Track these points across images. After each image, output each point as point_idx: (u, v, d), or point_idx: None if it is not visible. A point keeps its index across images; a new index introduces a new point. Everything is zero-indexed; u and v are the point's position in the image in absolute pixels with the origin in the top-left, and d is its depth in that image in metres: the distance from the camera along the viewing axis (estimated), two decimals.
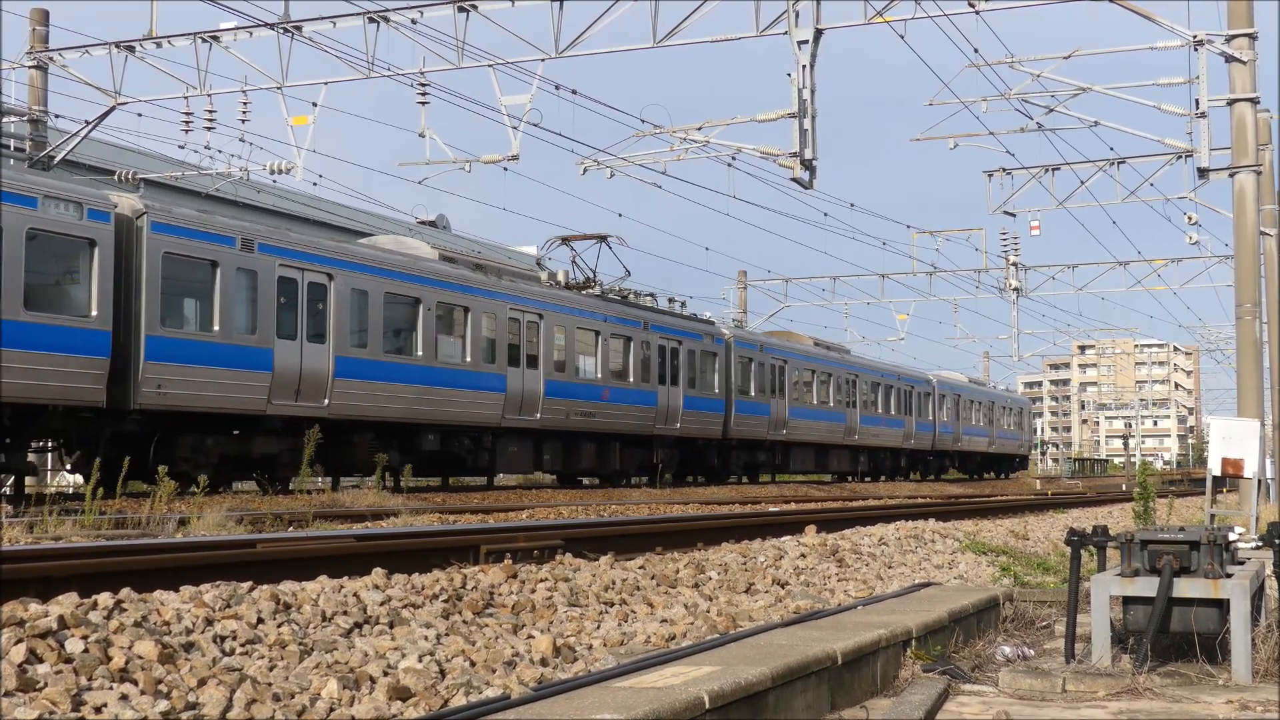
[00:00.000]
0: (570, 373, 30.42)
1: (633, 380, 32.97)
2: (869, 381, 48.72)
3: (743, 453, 39.75)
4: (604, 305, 32.38)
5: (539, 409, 29.09)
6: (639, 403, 33.15)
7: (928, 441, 54.88)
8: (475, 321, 27.51)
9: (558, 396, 29.72)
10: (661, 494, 28.96)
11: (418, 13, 24.81)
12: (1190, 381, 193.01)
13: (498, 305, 28.18)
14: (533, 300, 29.45)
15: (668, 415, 34.35)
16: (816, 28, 22.00)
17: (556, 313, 30.19)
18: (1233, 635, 6.84)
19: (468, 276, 27.72)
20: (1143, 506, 17.06)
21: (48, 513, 12.49)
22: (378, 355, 24.81)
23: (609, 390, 31.77)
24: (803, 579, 10.64)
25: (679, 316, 36.41)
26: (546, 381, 29.41)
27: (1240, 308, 22.90)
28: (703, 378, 36.51)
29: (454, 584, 7.75)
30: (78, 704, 4.66)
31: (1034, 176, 34.85)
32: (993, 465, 67.05)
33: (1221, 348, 77.61)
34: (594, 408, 31.08)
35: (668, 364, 34.62)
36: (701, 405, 36.17)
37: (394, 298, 25.45)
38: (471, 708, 4.63)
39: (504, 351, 28.22)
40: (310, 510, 15.92)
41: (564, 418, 29.95)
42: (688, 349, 35.73)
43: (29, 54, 27.80)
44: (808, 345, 45.62)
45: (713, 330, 37.89)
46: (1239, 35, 22.46)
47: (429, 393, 26.03)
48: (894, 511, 19.35)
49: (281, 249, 22.90)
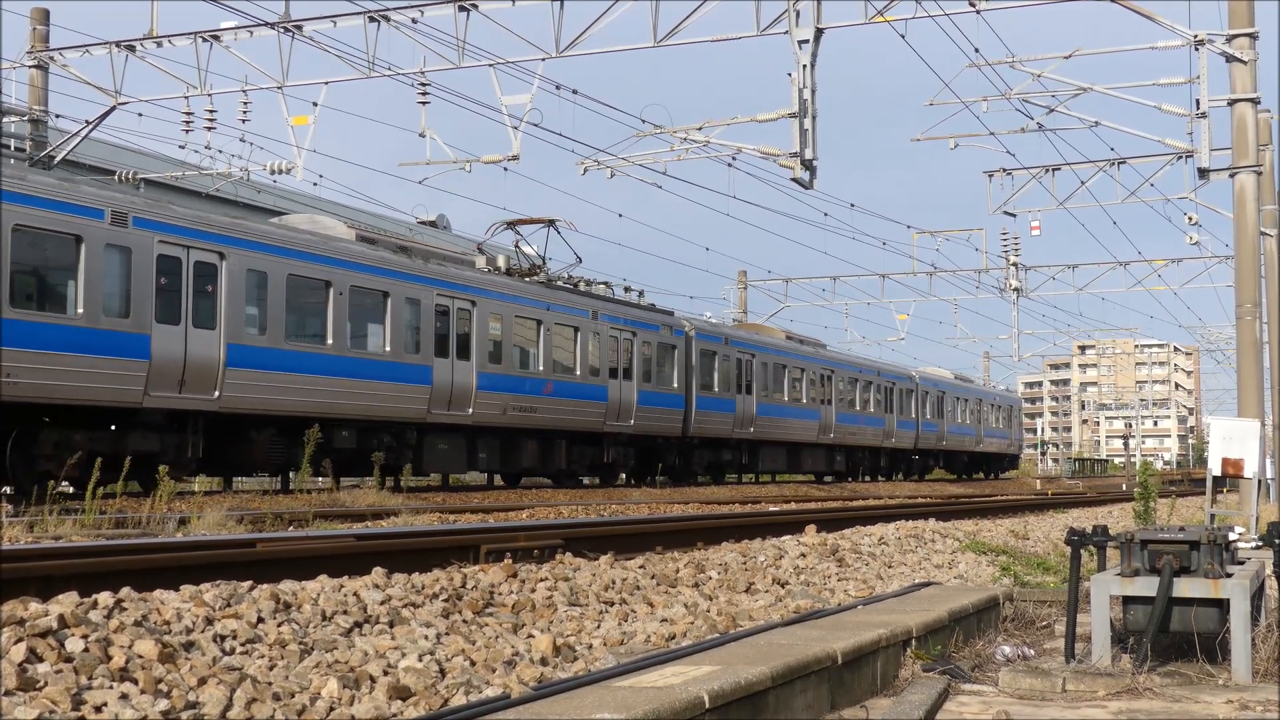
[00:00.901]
0: (508, 364, 28.34)
1: (580, 373, 30.82)
2: (846, 377, 46.68)
3: (706, 452, 37.63)
4: (548, 293, 30.23)
5: (471, 403, 27.00)
6: (588, 398, 31.00)
7: (909, 440, 52.87)
8: (396, 308, 25.33)
9: (493, 390, 27.66)
10: (661, 494, 28.95)
11: (418, 12, 24.83)
12: (1190, 382, 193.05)
13: (423, 290, 25.97)
14: (464, 286, 27.25)
15: (620, 411, 32.16)
16: (817, 27, 22.00)
17: (492, 299, 27.96)
18: (1233, 635, 6.84)
19: (388, 259, 25.55)
20: (1143, 506, 17.07)
21: (48, 512, 12.50)
22: (279, 343, 22.59)
23: (552, 384, 29.68)
24: (803, 578, 10.64)
25: (634, 306, 34.36)
26: (480, 374, 27.31)
27: (1240, 308, 22.91)
28: (660, 372, 34.44)
29: (454, 583, 7.75)
30: (78, 703, 4.66)
31: (1034, 177, 34.88)
32: (981, 465, 64.96)
33: (1222, 348, 77.68)
34: (536, 402, 29.00)
35: (620, 356, 32.42)
36: (659, 401, 34.06)
37: (299, 280, 23.23)
38: (471, 707, 4.63)
39: (430, 341, 26.05)
40: (310, 510, 15.93)
41: (500, 413, 27.85)
42: (643, 341, 33.56)
43: (29, 53, 27.81)
44: (778, 339, 43.48)
45: (672, 321, 35.69)
46: (1240, 35, 22.46)
47: (342, 385, 23.87)
48: (894, 511, 19.35)
49: (163, 224, 20.64)
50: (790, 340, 44.26)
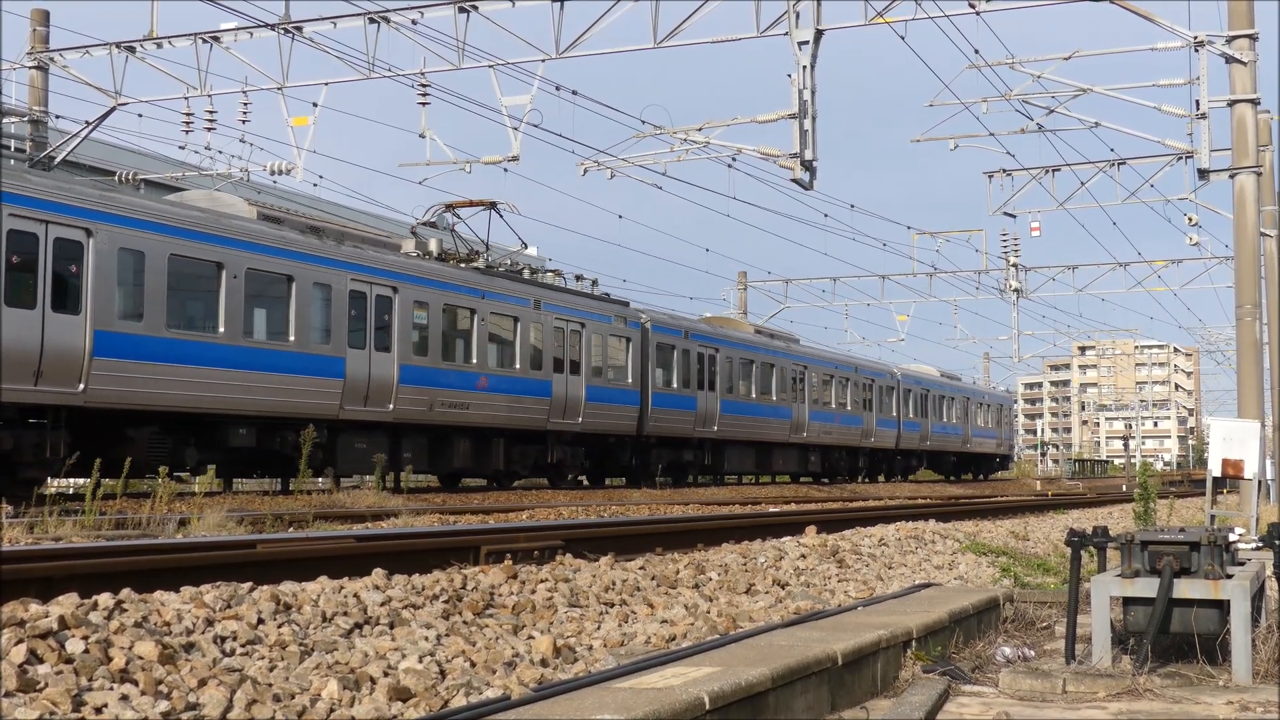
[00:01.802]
0: (435, 356, 26.07)
1: (520, 367, 28.57)
2: (821, 374, 44.47)
3: (665, 451, 35.20)
4: (483, 279, 27.96)
5: (392, 399, 24.80)
6: (529, 393, 28.78)
7: (890, 440, 50.60)
8: (303, 293, 23.02)
9: (417, 384, 25.45)
10: (661, 495, 28.93)
11: (418, 13, 24.84)
12: (1190, 382, 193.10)
13: (334, 275, 23.67)
14: (384, 270, 24.99)
15: (566, 408, 30.00)
16: (817, 28, 22.01)
17: (416, 286, 25.70)
18: (1233, 636, 6.84)
19: (292, 239, 23.14)
20: (1143, 507, 17.06)
21: (48, 513, 12.50)
22: (159, 331, 20.32)
23: (487, 378, 27.44)
24: (803, 579, 10.64)
25: (583, 295, 31.92)
26: (402, 366, 25.09)
27: (1240, 309, 22.90)
28: (612, 366, 32.19)
29: (454, 584, 7.75)
30: (78, 704, 4.66)
31: (1034, 177, 34.89)
32: (969, 466, 62.57)
33: (1222, 349, 77.70)
34: (468, 398, 26.85)
35: (567, 349, 30.20)
36: (610, 397, 31.77)
37: (185, 261, 20.93)
38: (472, 708, 4.64)
39: (343, 330, 23.82)
40: (310, 511, 15.93)
41: (426, 409, 25.67)
42: (593, 333, 31.25)
43: (29, 54, 27.83)
44: (745, 333, 41.24)
45: (625, 312, 33.36)
46: (1239, 36, 22.47)
47: (237, 378, 21.61)
48: (894, 512, 19.35)
49: (14, 195, 18.55)
50: (759, 335, 42.17)
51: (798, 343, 45.17)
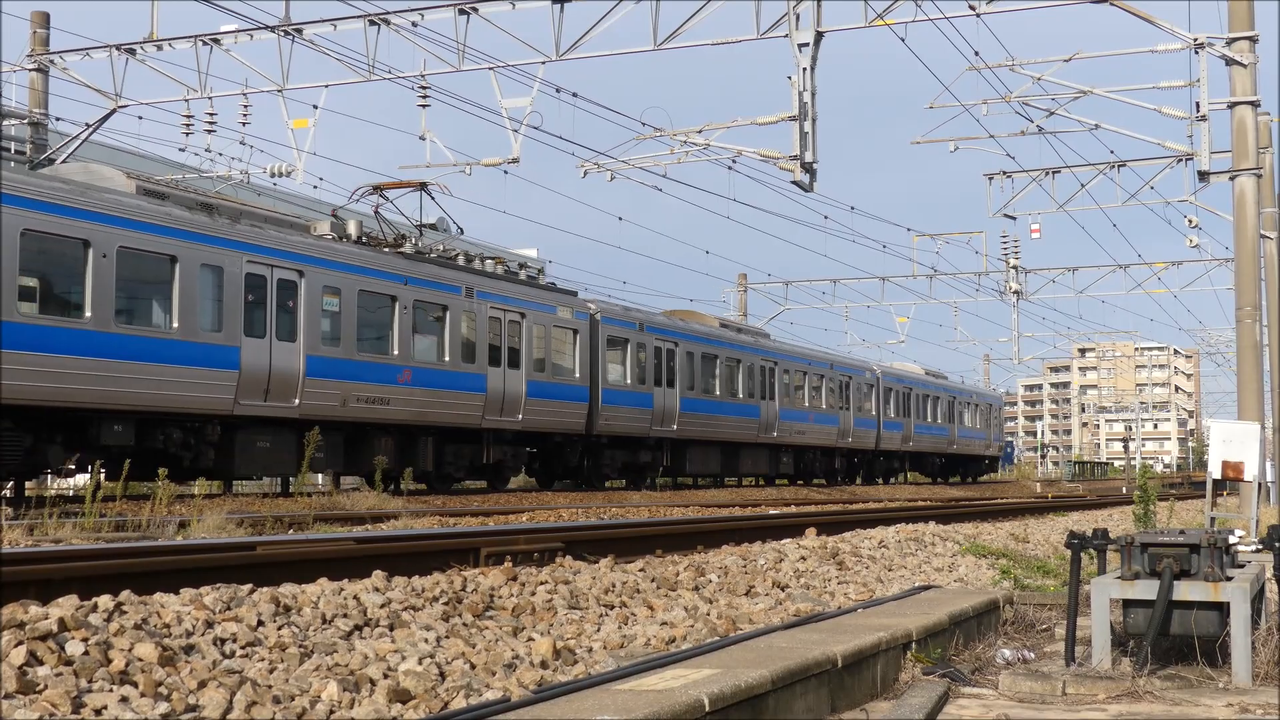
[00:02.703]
0: (349, 347, 23.89)
1: (449, 359, 26.41)
2: (793, 370, 42.19)
3: (618, 452, 33.04)
4: (406, 264, 25.74)
5: (298, 393, 22.66)
6: (460, 388, 26.65)
7: (870, 440, 48.28)
8: (188, 275, 20.83)
9: (328, 377, 23.30)
10: (661, 496, 28.94)
11: (418, 15, 24.87)
12: (1190, 384, 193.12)
13: (227, 255, 21.46)
14: (288, 252, 22.78)
15: (504, 404, 27.86)
16: (817, 30, 22.04)
17: (326, 270, 23.51)
18: (1233, 638, 6.84)
19: (177, 216, 20.90)
20: (1143, 509, 17.06)
21: (48, 515, 12.50)
22: (12, 316, 18.36)
23: (411, 371, 25.33)
24: (803, 581, 10.64)
25: (523, 284, 29.62)
26: (309, 358, 22.91)
27: (1240, 311, 22.92)
28: (557, 360, 29.96)
29: (454, 586, 7.75)
30: (78, 706, 4.66)
31: (1034, 179, 34.92)
32: (956, 467, 60.25)
33: (1222, 350, 77.76)
34: (389, 392, 24.75)
35: (504, 341, 28.07)
36: (554, 393, 29.62)
37: (43, 239, 18.83)
38: (472, 710, 4.64)
39: (238, 316, 21.65)
40: (310, 513, 15.93)
41: (339, 404, 23.52)
42: (534, 324, 29.04)
43: (29, 56, 27.85)
44: (710, 326, 38.90)
45: (573, 302, 31.07)
46: (1239, 38, 22.49)
47: (109, 368, 19.52)
48: (894, 514, 19.35)
49: None
50: (725, 328, 39.89)
51: (768, 337, 43.33)
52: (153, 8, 26.26)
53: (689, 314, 39.88)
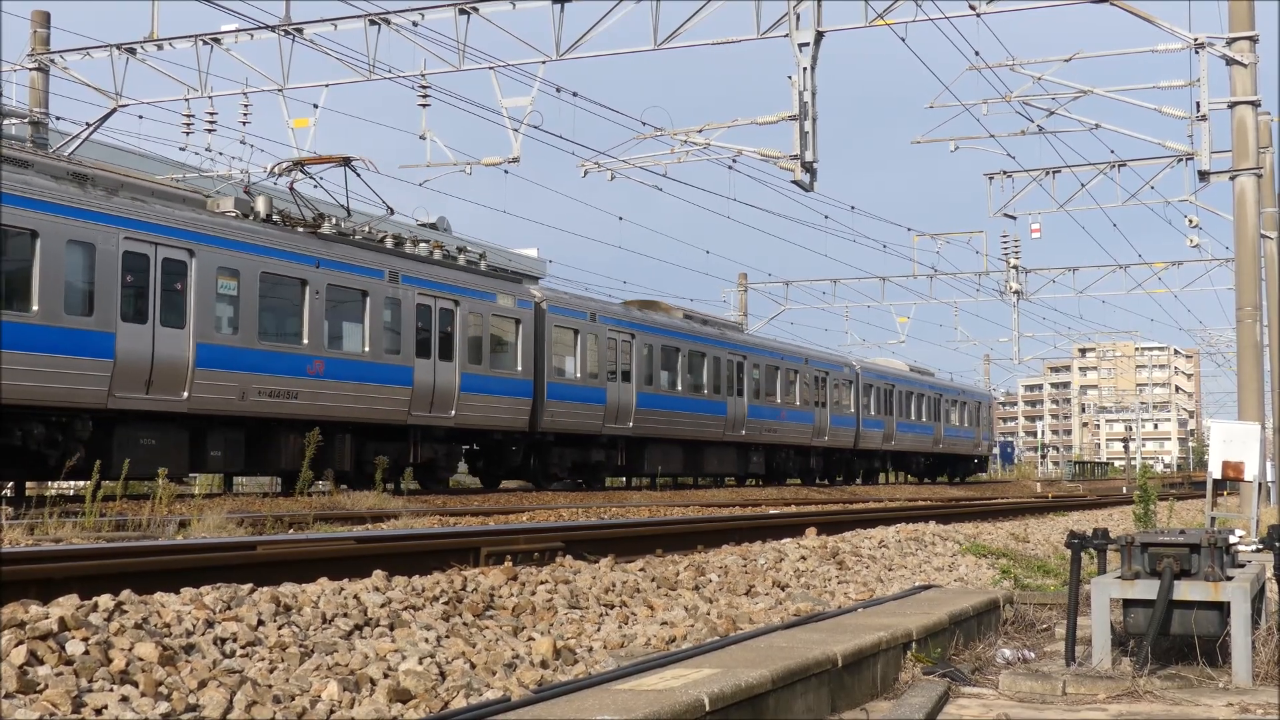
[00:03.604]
0: (249, 335, 21.87)
1: (369, 349, 24.36)
2: (763, 364, 40.15)
3: (568, 450, 31.12)
4: (319, 245, 23.56)
5: (187, 385, 20.61)
6: (382, 380, 24.63)
7: (848, 438, 46.29)
8: (51, 255, 18.84)
9: (224, 368, 21.29)
10: (661, 496, 28.94)
11: (419, 15, 24.88)
12: (1191, 384, 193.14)
13: (100, 231, 19.47)
14: (175, 229, 20.65)
15: (434, 399, 25.89)
16: (817, 30, 22.04)
17: (221, 249, 21.42)
18: (1233, 638, 6.84)
19: (38, 186, 18.88)
20: (1143, 509, 17.07)
21: (48, 514, 12.51)
22: None
23: (323, 362, 23.22)
24: (803, 581, 10.64)
25: (458, 269, 27.56)
26: (201, 346, 20.89)
27: (1241, 310, 22.92)
28: (497, 351, 28.05)
29: (454, 586, 7.75)
30: (78, 706, 4.66)
31: (1035, 179, 34.93)
32: (943, 467, 58.36)
33: (1222, 350, 77.77)
34: (297, 385, 22.65)
35: (434, 330, 26.07)
36: (492, 387, 27.67)
37: None
38: (472, 710, 4.64)
39: (113, 301, 19.63)
40: (310, 512, 15.93)
41: (238, 398, 21.49)
42: (470, 312, 27.04)
43: (30, 56, 27.86)
44: (672, 317, 36.66)
45: (515, 290, 29.11)
46: (1240, 38, 22.48)
47: None
48: (894, 514, 19.36)
49: None
50: (689, 320, 37.66)
51: (738, 330, 41.39)
52: (153, 7, 26.28)
53: (651, 304, 37.93)
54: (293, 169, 25.27)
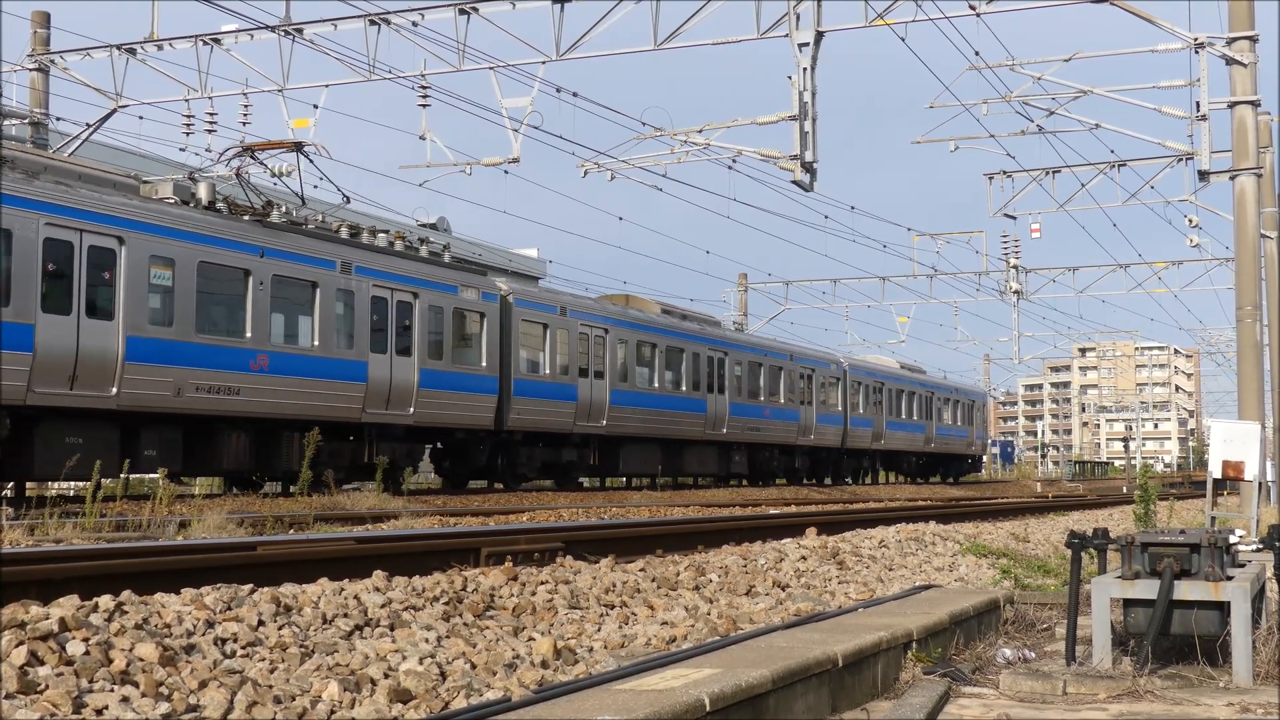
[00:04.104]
0: (186, 327, 20.60)
1: (319, 344, 23.14)
2: (746, 361, 38.90)
3: (537, 449, 29.99)
4: (263, 233, 22.38)
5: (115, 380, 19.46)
6: (333, 376, 23.38)
7: (835, 437, 44.93)
8: None
9: (157, 362, 20.07)
10: (661, 497, 28.94)
11: (418, 15, 24.88)
12: (1191, 384, 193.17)
13: (16, 217, 18.55)
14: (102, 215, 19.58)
15: (391, 396, 24.73)
16: (817, 30, 22.05)
17: (155, 237, 20.16)
18: (1233, 638, 6.84)
19: None
20: (1143, 509, 17.07)
21: (49, 515, 12.51)
22: None
23: (268, 357, 22.02)
24: (803, 581, 10.64)
25: (418, 260, 26.30)
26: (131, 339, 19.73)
27: (1241, 310, 22.92)
28: (460, 346, 26.96)
29: (455, 586, 7.75)
30: (79, 706, 4.66)
31: (1034, 179, 34.94)
32: (936, 467, 56.92)
33: (1222, 350, 77.77)
34: (239, 381, 21.48)
35: (392, 324, 24.92)
36: (455, 383, 26.48)
37: None
38: (472, 710, 4.64)
39: (32, 290, 18.64)
40: (311, 513, 15.94)
41: (172, 393, 20.27)
42: (429, 305, 25.80)
43: (30, 56, 27.87)
44: (648, 312, 35.36)
45: (479, 282, 27.82)
46: (1240, 38, 22.49)
47: None
48: (894, 514, 19.36)
49: None
50: (667, 315, 36.30)
51: (718, 325, 40.02)
52: (153, 8, 26.29)
53: (627, 298, 36.57)
54: (241, 154, 24.42)
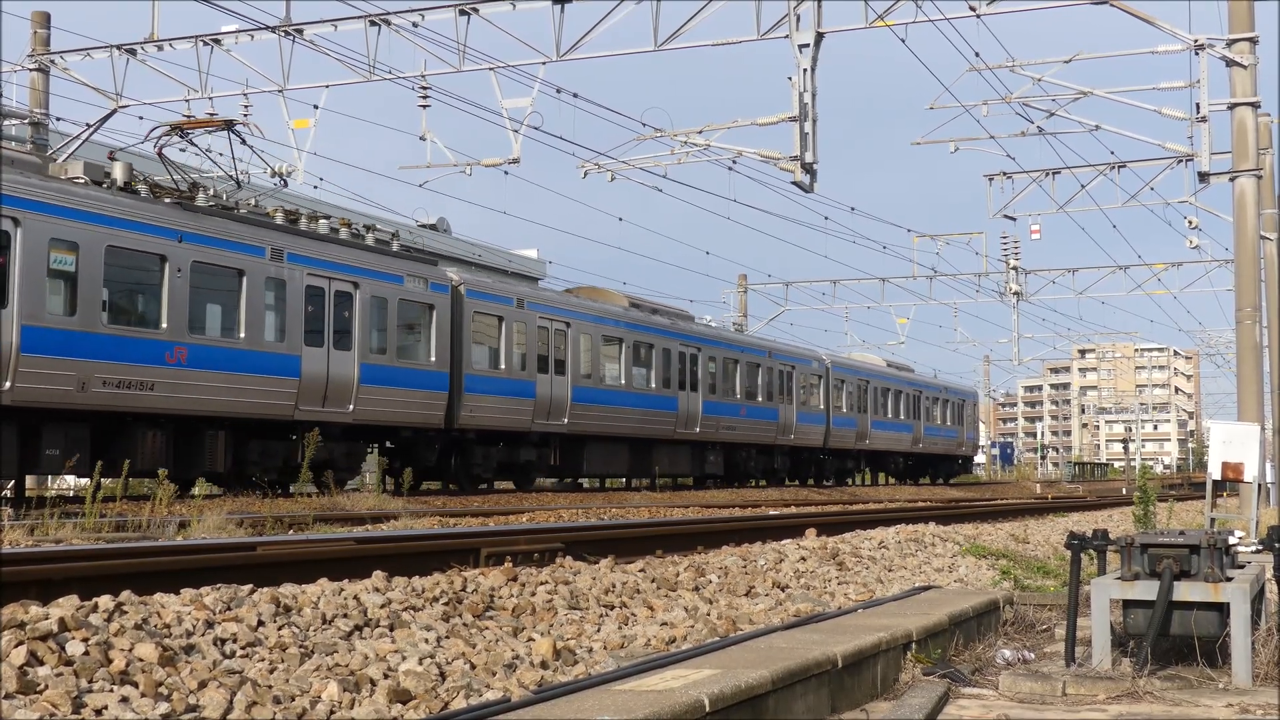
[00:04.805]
0: (91, 317, 19.22)
1: (246, 336, 21.65)
2: (720, 357, 37.51)
3: (493, 448, 28.55)
4: (182, 216, 20.80)
5: (9, 374, 18.18)
6: (261, 370, 21.93)
7: (816, 437, 43.55)
8: None
9: (57, 354, 18.77)
10: (661, 497, 28.94)
11: (419, 16, 24.88)
12: (1190, 385, 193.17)
13: None
14: None
15: (327, 392, 23.22)
16: (817, 31, 22.05)
17: (57, 219, 18.78)
18: (1233, 639, 6.85)
19: None
20: (1143, 510, 17.07)
21: (48, 515, 12.51)
22: None
23: (186, 349, 20.44)
24: (803, 582, 10.64)
25: (360, 248, 24.69)
26: (27, 330, 18.36)
27: (1240, 312, 22.92)
28: (407, 340, 25.58)
29: (454, 587, 7.75)
30: (78, 706, 4.66)
31: (1034, 180, 34.93)
32: (924, 468, 55.83)
33: (1222, 352, 77.71)
34: (153, 375, 19.91)
35: (328, 315, 23.43)
36: (400, 379, 25.00)
37: None
38: (472, 710, 4.64)
39: None
40: (310, 513, 15.94)
41: (75, 388, 18.88)
42: (371, 296, 24.35)
43: (30, 56, 27.87)
44: (615, 304, 33.84)
45: (427, 272, 26.31)
46: (1240, 39, 22.49)
47: None
48: (894, 515, 19.36)
49: None
50: (635, 309, 34.61)
51: (691, 320, 38.41)
52: (153, 8, 26.29)
53: (593, 291, 35.05)
54: (171, 133, 22.94)
